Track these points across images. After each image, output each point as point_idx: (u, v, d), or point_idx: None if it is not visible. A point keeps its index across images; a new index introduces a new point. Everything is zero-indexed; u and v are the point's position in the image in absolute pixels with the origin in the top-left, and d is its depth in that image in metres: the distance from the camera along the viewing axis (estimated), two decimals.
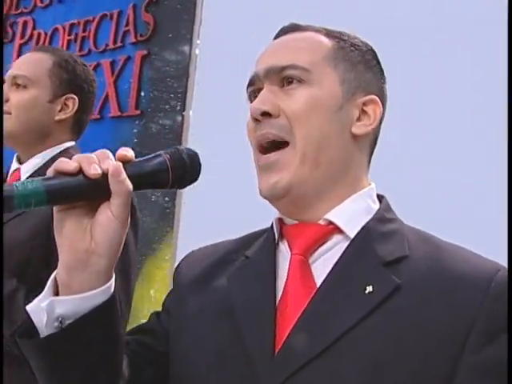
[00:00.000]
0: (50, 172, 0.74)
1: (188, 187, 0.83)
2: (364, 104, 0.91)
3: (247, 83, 0.94)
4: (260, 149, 0.89)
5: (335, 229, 0.88)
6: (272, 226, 0.93)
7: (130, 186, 0.75)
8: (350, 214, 0.88)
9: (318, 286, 0.84)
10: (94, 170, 0.73)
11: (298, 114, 0.87)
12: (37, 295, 0.77)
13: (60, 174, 0.73)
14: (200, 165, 0.82)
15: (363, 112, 0.91)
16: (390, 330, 0.77)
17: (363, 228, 0.87)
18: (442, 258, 0.83)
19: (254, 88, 0.92)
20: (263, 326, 0.82)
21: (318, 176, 0.87)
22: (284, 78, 0.89)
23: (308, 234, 0.88)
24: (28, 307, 0.76)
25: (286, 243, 0.90)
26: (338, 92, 0.89)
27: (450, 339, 0.76)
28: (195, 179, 0.82)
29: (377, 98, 0.92)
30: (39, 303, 0.75)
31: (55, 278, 0.77)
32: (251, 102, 0.93)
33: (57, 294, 0.76)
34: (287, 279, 0.86)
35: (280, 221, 0.92)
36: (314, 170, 0.87)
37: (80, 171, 0.73)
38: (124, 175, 0.74)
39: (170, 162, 0.79)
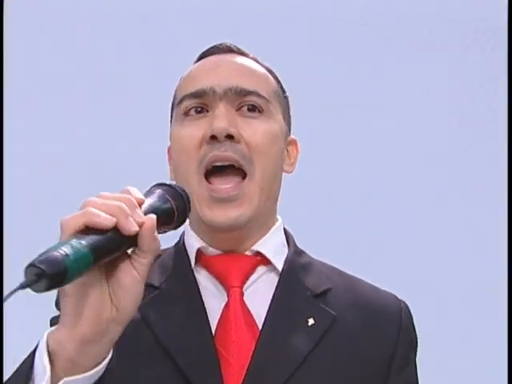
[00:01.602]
0: (75, 224, 0.60)
1: None
2: (289, 143, 0.96)
3: (188, 93, 0.89)
4: (206, 172, 0.85)
5: (262, 260, 0.90)
6: (181, 253, 0.90)
7: (159, 241, 0.65)
8: (275, 246, 0.92)
9: (255, 318, 0.85)
10: (134, 228, 0.61)
11: (260, 147, 0.87)
12: None
13: (93, 229, 0.60)
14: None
15: (287, 151, 0.95)
16: (334, 363, 0.84)
17: (286, 260, 0.91)
18: (357, 290, 0.92)
19: (201, 102, 0.88)
20: (209, 366, 0.79)
21: (265, 210, 0.89)
22: (244, 102, 0.88)
23: (241, 265, 0.88)
24: None
25: (208, 274, 0.88)
26: (285, 128, 0.93)
27: (380, 367, 0.87)
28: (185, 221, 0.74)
29: (296, 139, 0.98)
30: None
31: (49, 352, 0.62)
32: (186, 114, 0.88)
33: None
34: (227, 313, 0.85)
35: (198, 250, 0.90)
36: (265, 203, 0.88)
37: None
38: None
39: (175, 205, 0.70)
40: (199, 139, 0.85)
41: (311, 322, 0.86)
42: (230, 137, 0.85)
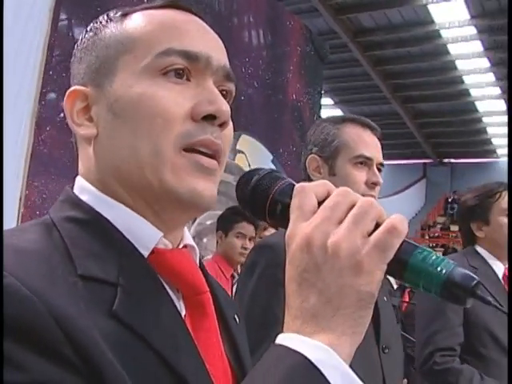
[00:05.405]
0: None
1: None
2: None
3: (177, 48, 0.73)
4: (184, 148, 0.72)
5: None
6: (113, 236, 0.71)
7: None
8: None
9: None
10: None
11: (230, 143, 0.77)
12: None
13: None
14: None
15: None
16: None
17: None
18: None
19: (189, 66, 0.73)
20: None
21: None
22: (222, 87, 0.77)
23: (191, 262, 0.77)
24: None
25: (157, 269, 0.72)
26: None
27: None
28: None
29: None
30: None
31: None
32: (165, 72, 0.72)
33: None
34: (208, 324, 0.75)
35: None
36: None
37: None
38: None
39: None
40: (186, 110, 0.72)
41: (236, 319, 0.85)
42: (223, 124, 0.74)
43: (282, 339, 0.60)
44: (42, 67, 4.18)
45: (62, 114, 4.78)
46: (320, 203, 0.64)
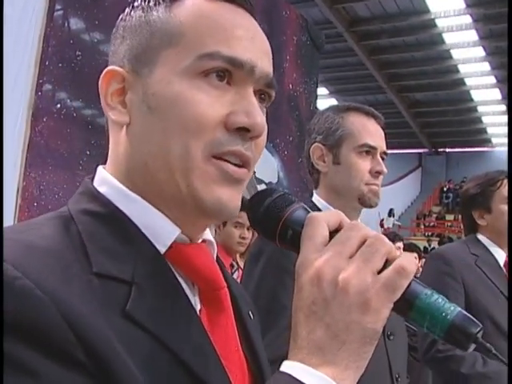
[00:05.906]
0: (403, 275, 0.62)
1: None
2: None
3: (224, 54, 0.70)
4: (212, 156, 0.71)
5: None
6: (131, 233, 0.70)
7: None
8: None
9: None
10: None
11: (262, 150, 0.75)
12: None
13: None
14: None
15: None
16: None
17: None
18: None
19: (231, 71, 0.70)
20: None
21: None
22: (261, 92, 0.74)
23: (213, 259, 0.76)
24: None
25: (174, 265, 0.72)
26: None
27: None
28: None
29: None
30: None
31: None
32: (206, 74, 0.70)
33: None
34: (226, 321, 0.74)
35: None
36: None
37: None
38: None
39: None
40: (221, 117, 0.70)
41: (250, 314, 0.84)
42: (256, 137, 0.72)
43: (288, 367, 0.61)
44: (38, 58, 4.16)
45: (58, 105, 4.76)
46: (331, 233, 0.65)
